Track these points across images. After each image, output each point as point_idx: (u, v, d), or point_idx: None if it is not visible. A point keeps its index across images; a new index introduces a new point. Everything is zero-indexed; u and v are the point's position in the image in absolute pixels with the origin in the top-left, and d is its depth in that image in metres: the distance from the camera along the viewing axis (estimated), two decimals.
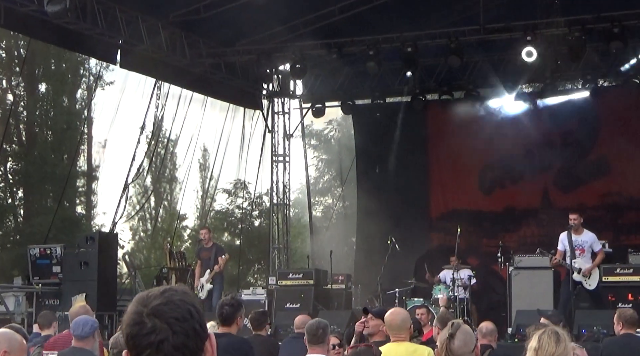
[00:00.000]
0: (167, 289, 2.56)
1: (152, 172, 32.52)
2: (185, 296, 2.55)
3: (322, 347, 7.78)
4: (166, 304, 2.49)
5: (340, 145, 35.98)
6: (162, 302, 2.50)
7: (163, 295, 2.53)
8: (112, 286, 18.33)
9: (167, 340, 2.46)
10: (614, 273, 15.77)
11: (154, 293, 2.54)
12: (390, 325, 7.51)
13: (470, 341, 5.42)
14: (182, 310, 2.50)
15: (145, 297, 2.54)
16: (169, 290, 2.55)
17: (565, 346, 5.01)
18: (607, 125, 20.89)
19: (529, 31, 18.14)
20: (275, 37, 20.47)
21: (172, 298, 2.52)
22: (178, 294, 2.54)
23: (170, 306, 2.49)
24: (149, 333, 2.47)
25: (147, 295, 2.54)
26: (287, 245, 23.79)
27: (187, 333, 2.48)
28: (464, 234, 18.30)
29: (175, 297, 2.52)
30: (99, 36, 18.00)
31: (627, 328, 9.93)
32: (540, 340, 5.00)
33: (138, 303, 2.53)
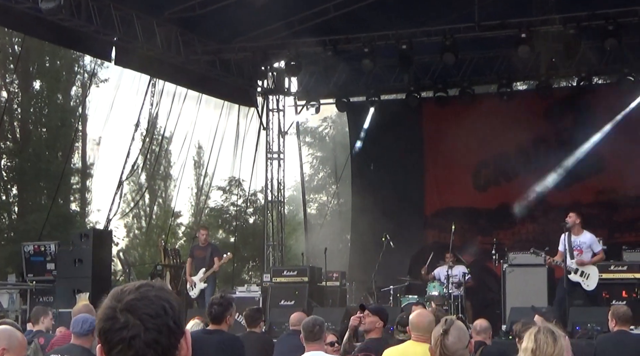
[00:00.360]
0: (143, 284, 2.53)
1: (146, 169, 32.46)
2: (161, 292, 2.51)
3: (319, 344, 7.80)
4: (140, 300, 2.47)
5: (335, 143, 35.97)
6: (137, 298, 2.47)
7: (138, 290, 2.50)
8: (107, 284, 18.29)
9: (138, 336, 2.43)
10: (609, 271, 15.77)
11: (129, 288, 2.51)
12: (417, 326, 7.46)
13: (464, 337, 5.42)
14: (156, 306, 2.46)
15: (119, 292, 2.51)
16: (145, 286, 2.52)
17: (562, 344, 5.01)
18: (602, 122, 20.89)
19: (524, 28, 18.15)
20: (270, 34, 20.46)
21: (147, 294, 2.49)
22: (154, 290, 2.51)
23: (145, 302, 2.46)
24: (121, 328, 2.44)
25: (121, 290, 2.52)
26: (281, 242, 23.80)
27: (160, 330, 2.45)
28: (459, 231, 18.32)
29: (151, 293, 2.49)
30: (93, 33, 17.97)
31: (621, 325, 9.96)
32: (538, 340, 4.97)
33: (112, 297, 2.51)
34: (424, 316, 7.66)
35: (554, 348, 4.93)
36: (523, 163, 21.57)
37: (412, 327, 7.49)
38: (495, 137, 21.47)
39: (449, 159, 22.02)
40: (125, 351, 2.44)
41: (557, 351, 4.95)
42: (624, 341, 10.04)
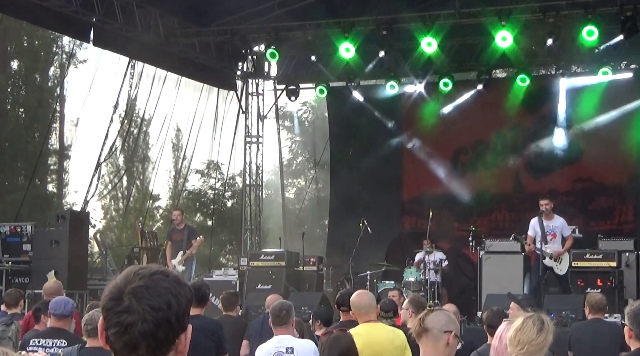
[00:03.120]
0: (158, 271, 2.51)
1: (124, 151, 32.37)
2: (173, 284, 2.49)
3: (286, 328, 7.87)
4: (149, 288, 2.45)
5: (314, 127, 35.96)
6: (146, 285, 2.46)
7: (151, 277, 2.48)
8: (83, 265, 18.28)
9: (135, 325, 2.43)
10: (584, 259, 15.89)
11: (143, 272, 2.49)
12: (358, 305, 7.52)
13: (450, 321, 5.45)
14: (162, 298, 2.45)
15: (132, 274, 2.50)
16: (159, 273, 2.50)
17: (546, 337, 5.03)
18: (580, 111, 20.98)
19: (504, 16, 18.18)
20: (250, 17, 20.38)
21: (158, 283, 2.47)
22: (167, 281, 2.49)
23: (152, 292, 2.45)
24: (121, 311, 2.44)
25: (135, 272, 2.50)
26: (259, 227, 23.79)
27: (159, 324, 2.44)
28: (436, 217, 18.37)
29: (162, 283, 2.47)
30: (72, 14, 17.87)
31: (595, 313, 10.04)
32: (524, 324, 5.01)
33: (124, 277, 2.50)
34: (363, 294, 7.82)
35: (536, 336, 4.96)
36: (501, 150, 21.64)
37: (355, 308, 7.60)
38: (474, 124, 21.53)
39: (427, 145, 22.05)
40: (120, 336, 2.45)
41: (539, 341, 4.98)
42: (599, 329, 10.12)
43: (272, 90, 24.04)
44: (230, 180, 31.32)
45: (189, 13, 19.79)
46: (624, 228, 19.98)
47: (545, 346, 5.03)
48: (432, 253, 17.48)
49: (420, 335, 5.03)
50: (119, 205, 37.98)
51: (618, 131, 20.30)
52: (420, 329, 5.01)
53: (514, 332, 5.00)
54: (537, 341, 4.98)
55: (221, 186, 31.13)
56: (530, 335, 4.98)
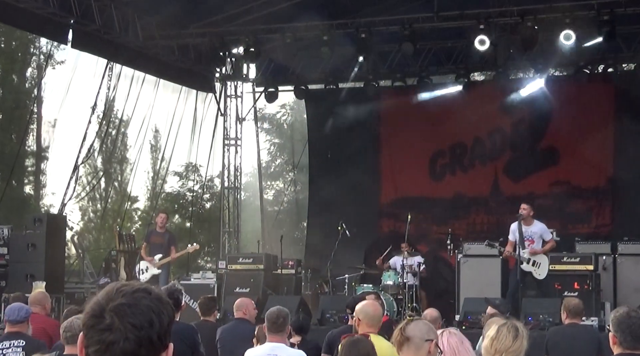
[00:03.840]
0: (141, 289, 2.49)
1: (102, 153, 32.27)
2: (155, 302, 2.48)
3: (281, 336, 7.77)
4: (130, 306, 2.44)
5: (292, 130, 35.95)
6: (128, 303, 2.44)
7: (133, 294, 2.47)
8: (60, 269, 18.18)
9: (117, 343, 2.42)
10: (561, 262, 15.95)
11: (125, 289, 2.48)
12: (372, 316, 7.38)
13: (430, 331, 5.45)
14: (144, 317, 2.44)
15: (114, 291, 2.48)
16: (142, 291, 2.49)
17: (521, 343, 5.06)
18: (558, 114, 21.08)
19: (482, 20, 18.25)
20: (229, 20, 20.36)
21: (140, 301, 2.45)
22: (149, 298, 2.47)
23: (134, 309, 2.44)
24: (103, 329, 2.43)
25: (117, 289, 2.48)
26: (237, 229, 23.74)
27: (141, 343, 2.42)
28: (414, 221, 18.39)
29: (144, 301, 2.46)
30: (50, 15, 17.76)
31: (572, 318, 10.07)
32: (499, 332, 5.04)
33: (106, 294, 2.48)
34: (377, 307, 7.64)
35: (512, 344, 4.99)
36: (479, 153, 21.71)
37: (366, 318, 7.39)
38: (452, 127, 21.59)
39: (405, 148, 22.09)
40: (101, 354, 2.43)
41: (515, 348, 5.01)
42: (575, 334, 10.16)
43: (251, 93, 24.01)
44: (209, 182, 31.28)
45: (168, 15, 19.70)
46: (601, 231, 20.07)
47: (522, 352, 5.07)
48: (410, 257, 17.49)
49: (401, 344, 5.03)
50: (97, 206, 37.87)
51: (595, 134, 20.41)
52: (402, 338, 5.01)
53: (490, 341, 5.02)
54: (514, 348, 5.01)
55: (199, 188, 31.06)
56: (506, 343, 5.01)
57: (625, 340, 5.50)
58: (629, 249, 17.14)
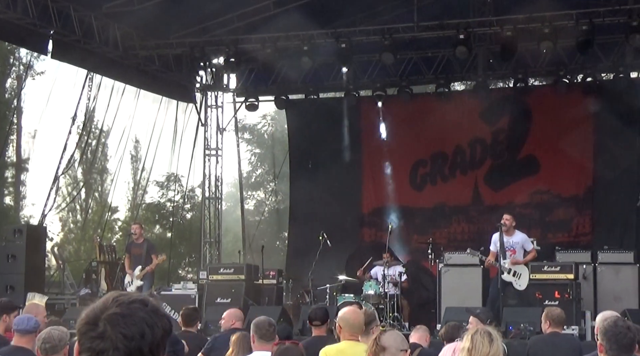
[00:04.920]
0: (137, 300, 2.49)
1: (83, 163, 32.17)
2: (150, 314, 2.48)
3: (268, 345, 7.76)
4: (124, 316, 2.44)
5: (273, 140, 35.96)
6: (122, 313, 2.44)
7: (130, 305, 2.47)
8: (40, 280, 18.11)
9: (106, 352, 2.42)
10: (542, 271, 15.97)
11: (122, 299, 2.48)
12: (352, 324, 7.41)
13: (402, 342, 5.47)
14: (137, 328, 2.43)
15: (111, 300, 2.49)
16: (138, 302, 2.49)
17: (498, 346, 5.09)
18: (538, 124, 21.17)
19: (462, 29, 18.33)
20: (209, 30, 20.37)
21: (135, 312, 2.45)
22: (144, 310, 2.47)
23: (127, 320, 2.43)
24: (95, 337, 2.43)
25: (114, 298, 2.49)
26: (218, 239, 23.69)
27: (130, 353, 2.42)
28: (395, 230, 18.41)
29: (139, 313, 2.46)
30: (30, 26, 17.71)
31: (554, 327, 10.10)
32: (474, 340, 5.06)
33: (103, 302, 2.49)
34: (358, 314, 7.66)
35: (490, 349, 5.02)
36: (459, 163, 21.77)
37: (346, 324, 7.42)
38: (432, 137, 21.66)
39: (386, 158, 22.13)
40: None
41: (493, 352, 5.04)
42: (557, 343, 10.19)
43: (232, 103, 24.00)
44: (190, 193, 31.22)
45: (148, 26, 19.70)
46: (581, 240, 20.17)
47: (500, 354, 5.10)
48: (391, 266, 17.50)
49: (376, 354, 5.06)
50: (77, 217, 37.73)
51: (575, 143, 20.50)
52: (378, 348, 5.05)
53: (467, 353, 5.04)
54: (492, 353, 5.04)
55: (180, 198, 31.00)
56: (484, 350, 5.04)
57: (611, 348, 5.52)
58: (608, 258, 17.21)
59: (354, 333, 7.38)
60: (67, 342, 7.39)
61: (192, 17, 19.78)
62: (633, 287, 16.69)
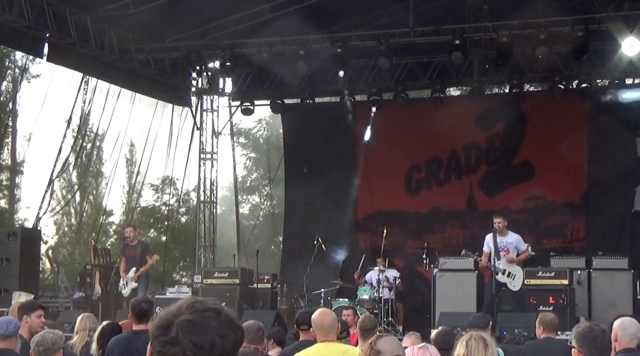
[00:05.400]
0: (212, 308, 2.48)
1: (77, 167, 32.13)
2: (223, 324, 2.47)
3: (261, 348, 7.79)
4: (196, 324, 2.44)
5: (269, 144, 35.95)
6: (195, 321, 2.44)
7: (203, 313, 2.46)
8: (34, 283, 18.09)
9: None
10: (536, 276, 16.00)
11: (197, 306, 2.48)
12: (321, 325, 7.47)
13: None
14: (208, 337, 2.43)
15: (186, 305, 2.49)
16: (213, 310, 2.48)
17: (493, 350, 5.10)
18: (533, 129, 21.19)
19: (458, 35, 18.35)
20: (205, 34, 20.38)
21: (208, 321, 2.45)
22: (217, 320, 2.47)
23: (199, 328, 2.43)
24: (166, 342, 2.44)
25: (189, 304, 2.49)
26: (213, 243, 23.69)
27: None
28: (390, 235, 18.41)
29: (212, 322, 2.45)
30: (25, 29, 17.71)
31: (548, 332, 10.10)
32: (469, 346, 5.06)
33: (178, 307, 2.50)
34: (326, 315, 7.70)
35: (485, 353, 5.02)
36: (454, 168, 21.78)
37: (316, 327, 7.49)
38: (428, 142, 21.68)
39: (381, 163, 22.14)
40: None
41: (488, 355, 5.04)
42: (551, 348, 10.18)
43: (227, 107, 24.00)
44: (185, 196, 31.22)
45: (144, 29, 19.71)
46: (576, 246, 20.18)
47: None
48: (385, 271, 17.50)
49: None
50: (72, 221, 37.69)
51: (570, 149, 20.52)
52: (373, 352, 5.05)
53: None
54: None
55: (175, 202, 30.98)
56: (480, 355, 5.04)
57: (591, 353, 5.49)
58: (603, 264, 17.24)
59: (326, 334, 7.43)
60: (61, 345, 7.39)
61: (188, 21, 19.79)
62: (627, 293, 16.71)
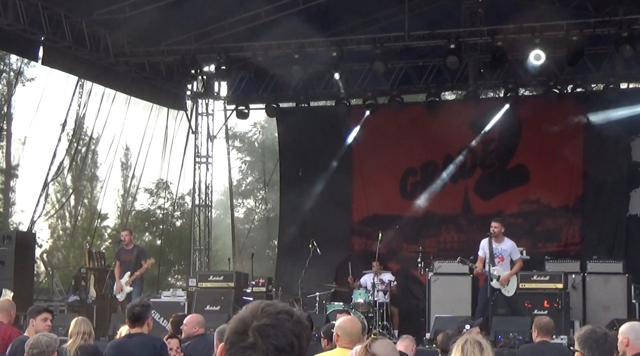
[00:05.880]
0: (284, 310, 2.57)
1: (72, 170, 32.09)
2: (297, 325, 2.56)
3: None
4: (274, 327, 2.51)
5: (264, 148, 35.96)
6: (272, 324, 2.52)
7: (277, 316, 2.54)
8: (29, 286, 18.06)
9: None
10: (531, 280, 16.02)
11: (269, 310, 2.55)
12: (350, 332, 7.42)
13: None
14: (286, 339, 2.52)
15: (259, 309, 2.56)
16: (285, 312, 2.57)
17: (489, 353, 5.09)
18: (528, 134, 21.21)
19: (453, 39, 18.36)
20: (200, 37, 20.38)
21: (284, 323, 2.54)
22: (291, 321, 2.55)
23: (277, 331, 2.51)
24: (246, 347, 2.51)
25: (262, 308, 2.56)
26: (208, 247, 23.68)
27: None
28: (385, 239, 18.41)
29: (287, 324, 2.54)
30: (20, 32, 17.70)
31: (543, 336, 10.11)
32: (464, 350, 5.06)
33: (250, 312, 2.56)
34: (356, 323, 7.68)
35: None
36: (450, 172, 21.78)
37: (343, 332, 7.44)
38: (423, 146, 21.68)
39: (376, 167, 22.13)
40: None
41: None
42: (546, 352, 10.20)
43: (222, 111, 24.00)
44: (180, 200, 31.19)
45: (139, 33, 19.70)
46: (571, 250, 20.19)
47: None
48: (381, 274, 17.51)
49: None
50: (67, 224, 37.65)
51: (565, 154, 20.55)
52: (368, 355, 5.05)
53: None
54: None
55: (170, 206, 30.96)
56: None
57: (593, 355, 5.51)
58: (597, 268, 17.27)
59: (351, 342, 7.40)
60: (55, 348, 7.40)
61: (184, 24, 19.79)
62: (622, 297, 16.74)
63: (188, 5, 18.63)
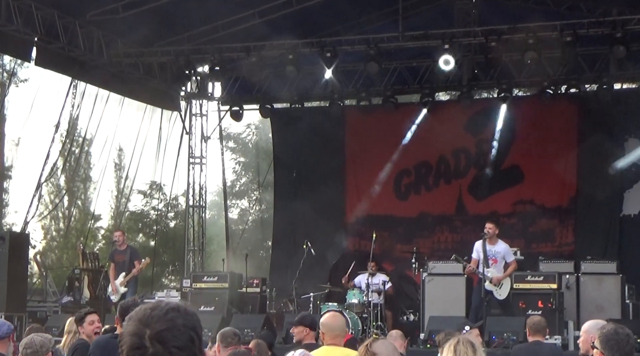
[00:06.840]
0: (171, 309, 2.52)
1: (66, 171, 32.05)
2: (188, 318, 2.53)
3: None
4: (169, 330, 2.47)
5: (258, 149, 35.94)
6: (167, 328, 2.47)
7: (166, 316, 2.49)
8: (22, 287, 18.03)
9: None
10: (525, 281, 16.04)
11: (157, 313, 2.49)
12: (331, 328, 7.49)
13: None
14: (185, 336, 2.49)
15: (147, 316, 2.49)
16: (173, 311, 2.51)
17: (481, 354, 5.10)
18: (522, 134, 21.23)
19: (447, 39, 18.36)
20: (194, 38, 20.36)
21: (176, 321, 2.49)
22: (181, 316, 2.51)
23: (174, 332, 2.47)
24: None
25: (149, 314, 2.49)
26: (202, 248, 23.66)
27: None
28: (379, 239, 18.41)
29: (179, 321, 2.50)
30: (13, 33, 17.67)
31: (535, 335, 10.10)
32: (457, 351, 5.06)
33: (138, 321, 2.49)
34: (337, 318, 7.74)
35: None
36: (443, 172, 21.80)
37: (326, 329, 7.50)
38: (417, 146, 21.68)
39: (370, 167, 22.13)
40: None
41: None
42: (538, 351, 10.19)
43: (216, 111, 23.96)
44: (173, 201, 31.15)
45: (132, 33, 19.66)
46: (564, 250, 20.22)
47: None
48: (375, 275, 17.50)
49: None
50: (60, 225, 37.59)
51: (559, 154, 20.58)
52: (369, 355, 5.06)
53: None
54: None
55: (164, 207, 30.93)
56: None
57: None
58: (591, 268, 17.29)
59: (335, 337, 7.44)
60: (49, 348, 7.38)
61: (177, 25, 19.77)
62: (615, 297, 16.75)
63: (181, 6, 18.61)
